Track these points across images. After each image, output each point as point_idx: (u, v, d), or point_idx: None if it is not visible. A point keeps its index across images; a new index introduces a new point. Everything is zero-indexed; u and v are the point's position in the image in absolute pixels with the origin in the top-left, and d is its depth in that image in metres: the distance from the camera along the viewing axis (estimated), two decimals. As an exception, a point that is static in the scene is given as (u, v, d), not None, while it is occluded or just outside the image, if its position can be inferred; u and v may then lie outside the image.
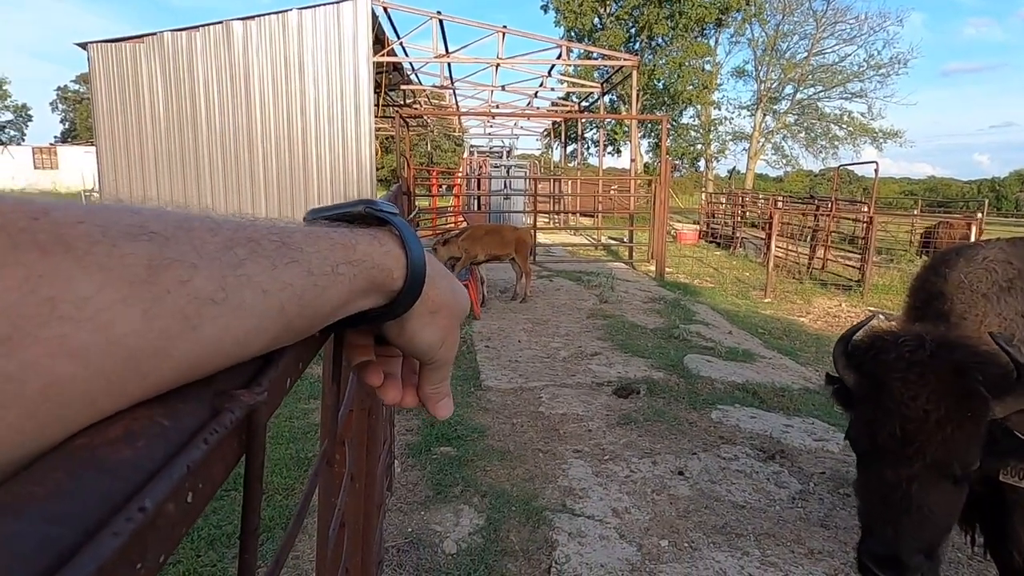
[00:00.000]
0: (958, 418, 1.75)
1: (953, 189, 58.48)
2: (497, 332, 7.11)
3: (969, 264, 2.36)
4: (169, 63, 12.28)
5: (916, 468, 1.78)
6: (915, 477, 1.78)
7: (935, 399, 1.78)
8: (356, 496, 0.99)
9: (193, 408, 0.29)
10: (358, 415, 1.05)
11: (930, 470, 1.77)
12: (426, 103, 22.54)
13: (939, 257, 2.54)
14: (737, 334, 7.75)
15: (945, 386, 1.79)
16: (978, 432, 1.75)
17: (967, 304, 2.25)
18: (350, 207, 0.49)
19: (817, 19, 33.09)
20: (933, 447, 1.76)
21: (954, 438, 1.74)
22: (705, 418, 4.79)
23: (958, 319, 2.23)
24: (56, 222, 0.25)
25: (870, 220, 11.56)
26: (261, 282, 0.33)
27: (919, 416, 1.79)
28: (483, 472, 3.81)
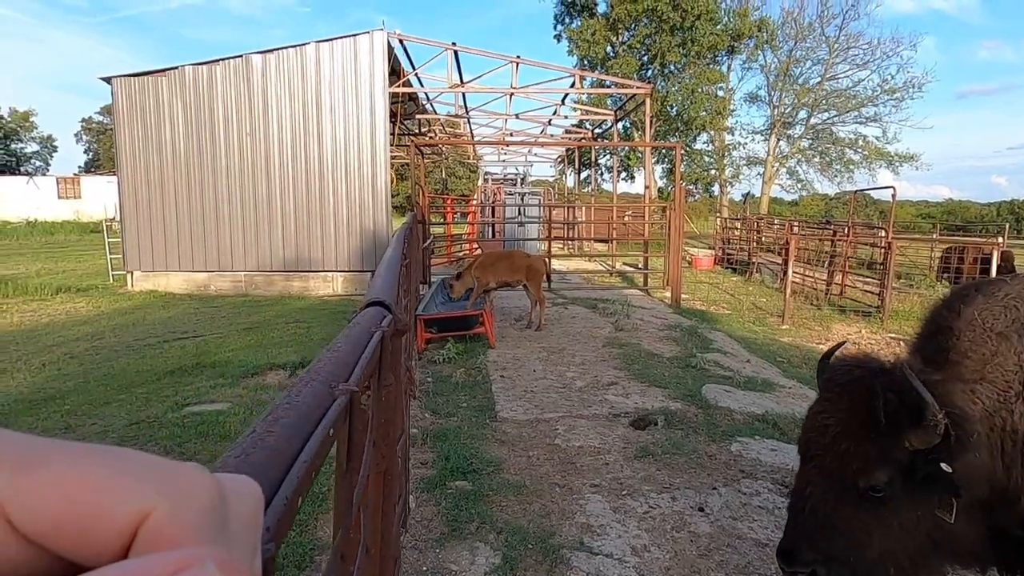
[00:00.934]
0: (857, 437, 1.91)
1: (972, 211, 57.80)
2: (512, 361, 7.07)
3: (988, 300, 2.31)
4: (190, 96, 12.54)
5: (813, 474, 1.99)
6: (811, 483, 1.98)
7: (837, 416, 1.98)
8: (373, 563, 0.97)
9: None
10: (374, 481, 1.03)
11: (826, 479, 1.95)
12: (441, 132, 22.80)
13: (957, 291, 2.51)
14: (755, 363, 7.64)
15: (851, 407, 1.96)
16: (880, 454, 1.90)
17: (974, 342, 2.21)
18: None
19: (830, 45, 33.20)
20: (828, 458, 1.95)
21: (850, 453, 1.91)
22: (725, 451, 4.69)
23: (959, 356, 2.20)
24: None
25: (888, 245, 11.43)
26: None
27: (819, 428, 2.00)
28: (499, 508, 3.75)
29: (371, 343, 0.99)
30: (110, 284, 13.40)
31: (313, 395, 0.62)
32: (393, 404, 1.44)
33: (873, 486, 1.92)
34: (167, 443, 4.65)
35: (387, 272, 1.99)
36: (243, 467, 0.41)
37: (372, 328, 1.10)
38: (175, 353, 7.65)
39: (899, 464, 1.92)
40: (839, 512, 1.96)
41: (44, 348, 7.98)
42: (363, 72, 12.47)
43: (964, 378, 2.16)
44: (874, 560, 2.00)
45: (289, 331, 8.96)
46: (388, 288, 1.70)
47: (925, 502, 1.95)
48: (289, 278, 12.91)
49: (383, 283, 1.77)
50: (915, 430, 1.87)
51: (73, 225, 32.17)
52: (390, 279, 1.89)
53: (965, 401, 2.09)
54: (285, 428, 0.51)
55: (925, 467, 1.89)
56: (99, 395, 5.92)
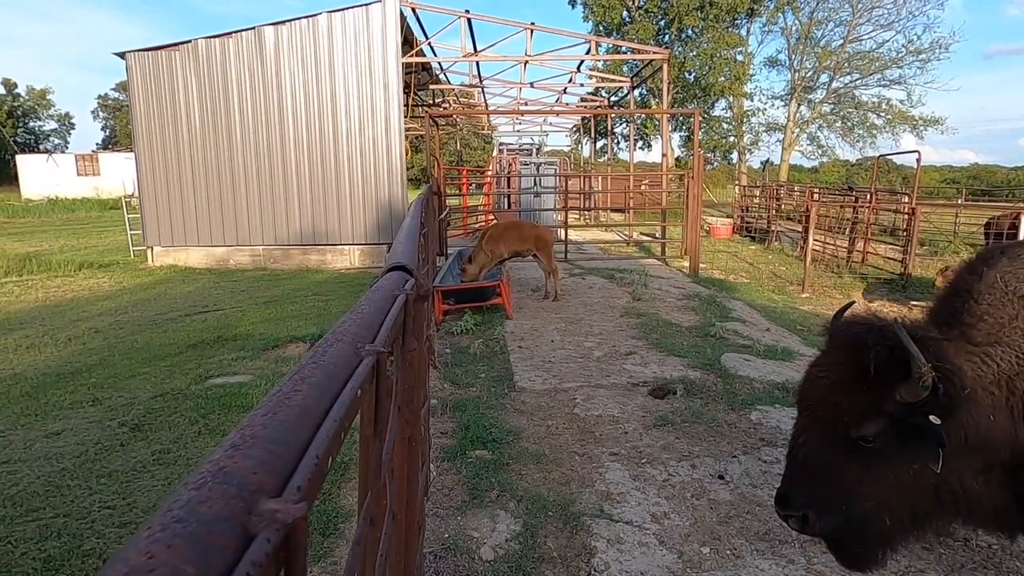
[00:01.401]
0: (849, 389, 2.00)
1: (998, 176, 56.41)
2: (530, 332, 7.07)
3: (1012, 263, 2.29)
4: (204, 70, 12.50)
5: (807, 424, 2.09)
6: (806, 432, 2.08)
7: (831, 369, 2.07)
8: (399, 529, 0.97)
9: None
10: (399, 448, 1.03)
11: (820, 428, 2.04)
12: (455, 102, 22.57)
13: (982, 253, 2.52)
14: (775, 331, 7.58)
15: (845, 361, 2.04)
16: (871, 406, 1.97)
17: (992, 305, 2.22)
18: None
19: (853, 5, 32.17)
20: (821, 409, 2.04)
21: (842, 404, 1.99)
22: (744, 419, 4.68)
23: (974, 319, 2.21)
24: None
25: (912, 211, 11.21)
26: None
27: (814, 380, 2.11)
28: (519, 476, 3.78)
29: (395, 306, 0.98)
30: (131, 260, 13.57)
31: (340, 355, 0.61)
32: (417, 370, 1.44)
33: (864, 436, 2.00)
34: (191, 415, 4.73)
35: (407, 239, 1.97)
36: (272, 424, 0.40)
37: (395, 291, 1.09)
38: (197, 327, 7.75)
39: (890, 417, 1.98)
40: (831, 461, 2.05)
41: (69, 323, 8.11)
42: (375, 42, 12.33)
43: (975, 340, 2.18)
44: (868, 510, 2.06)
45: (308, 304, 9.03)
46: (409, 254, 1.68)
47: (916, 454, 2.01)
48: (306, 252, 12.98)
49: (404, 249, 1.76)
50: (904, 384, 1.92)
51: (93, 202, 32.52)
52: (410, 246, 1.87)
53: (966, 361, 2.12)
54: (313, 387, 0.50)
55: (915, 420, 1.95)
56: (124, 368, 6.02)
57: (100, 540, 3.16)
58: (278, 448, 0.37)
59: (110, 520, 3.34)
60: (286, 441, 0.38)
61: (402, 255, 1.58)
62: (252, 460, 0.35)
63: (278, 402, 0.44)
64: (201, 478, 0.32)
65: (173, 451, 4.17)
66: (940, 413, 1.96)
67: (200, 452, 4.15)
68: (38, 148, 53.08)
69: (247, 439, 0.37)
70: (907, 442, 2.01)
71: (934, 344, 2.07)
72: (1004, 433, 2.11)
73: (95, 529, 3.26)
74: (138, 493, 3.62)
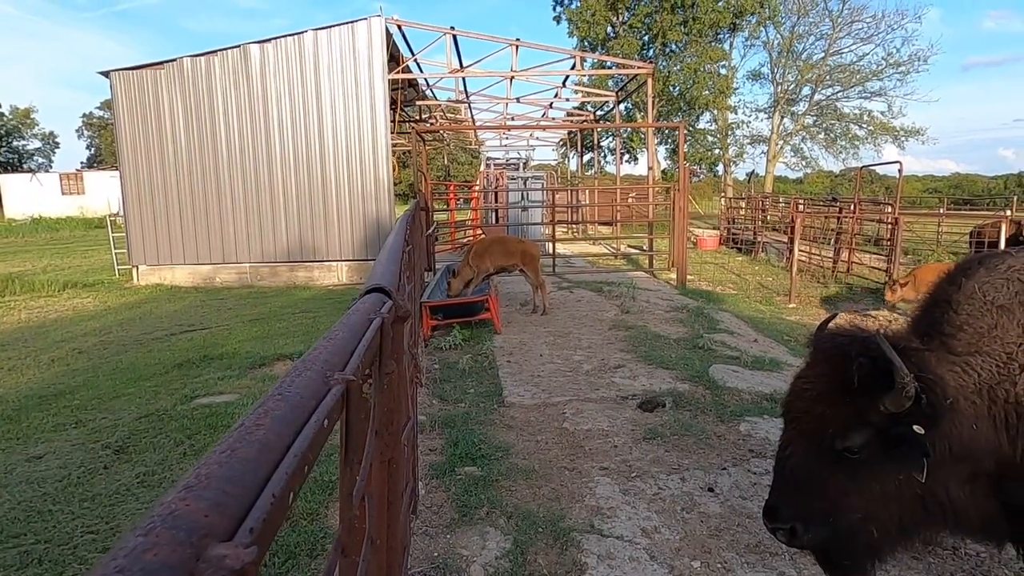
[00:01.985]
0: (833, 400, 2.01)
1: (978, 185, 57.28)
2: (519, 346, 7.06)
3: (990, 273, 2.32)
4: (189, 88, 12.49)
5: (793, 436, 2.09)
6: (791, 443, 2.08)
7: (815, 381, 2.08)
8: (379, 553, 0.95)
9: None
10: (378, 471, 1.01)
11: (806, 440, 2.04)
12: (442, 118, 22.66)
13: (961, 264, 2.56)
14: (763, 342, 7.61)
15: (829, 372, 2.05)
16: (855, 417, 1.98)
17: (971, 315, 2.24)
18: None
19: (833, 19, 32.75)
20: (806, 420, 2.04)
21: (826, 416, 2.00)
22: (733, 431, 4.68)
23: (954, 329, 2.24)
24: None
25: (895, 221, 11.33)
26: None
27: (799, 392, 2.11)
28: (508, 492, 3.76)
29: (370, 330, 0.96)
30: (116, 279, 13.45)
31: (306, 385, 0.60)
32: (396, 392, 1.41)
33: (849, 447, 2.01)
34: (177, 436, 4.67)
35: (388, 258, 1.94)
36: (229, 463, 0.39)
37: (371, 314, 1.08)
38: (182, 346, 7.67)
39: (874, 427, 1.99)
40: (817, 472, 2.06)
41: (52, 344, 8.01)
42: (362, 59, 12.37)
43: (955, 350, 2.20)
44: (855, 522, 2.07)
45: (295, 321, 8.97)
46: (388, 274, 1.67)
47: (901, 464, 2.02)
48: (293, 268, 12.92)
49: (383, 269, 1.73)
50: (887, 394, 1.93)
51: (77, 221, 32.24)
52: (391, 265, 1.85)
53: (947, 371, 2.14)
54: (275, 420, 0.49)
55: (899, 430, 1.96)
56: (108, 389, 5.95)
57: (82, 566, 3.10)
58: (233, 488, 0.36)
59: (93, 546, 3.27)
60: (243, 480, 0.37)
61: (381, 276, 1.56)
62: (205, 502, 0.34)
63: (238, 438, 0.43)
64: (150, 523, 0.31)
65: (158, 473, 4.11)
66: (924, 423, 1.98)
67: (185, 473, 4.09)
68: (21, 167, 52.64)
69: (202, 479, 0.36)
70: (892, 452, 2.02)
71: (916, 354, 2.09)
72: (987, 443, 2.12)
73: (77, 555, 3.20)
74: (122, 517, 3.56)
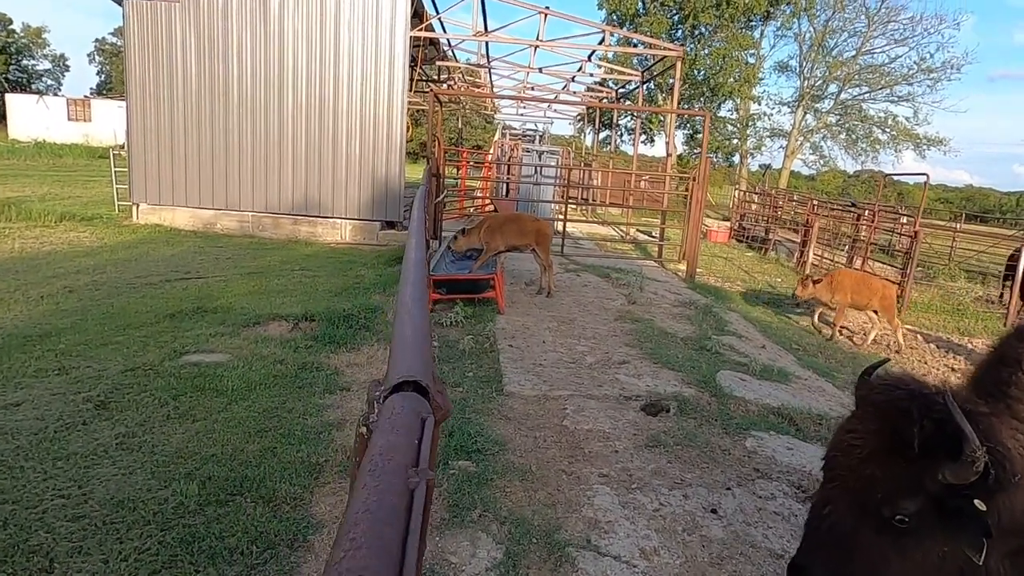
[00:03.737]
0: (886, 462, 1.79)
1: (991, 200, 56.71)
2: (521, 330, 6.85)
3: None
4: (204, 26, 12.05)
5: (835, 494, 1.89)
6: (832, 502, 1.89)
7: (867, 437, 1.86)
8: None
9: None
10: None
11: (849, 501, 1.85)
12: (461, 80, 22.13)
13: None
14: (771, 348, 7.42)
15: (884, 430, 1.83)
16: (910, 483, 1.77)
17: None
18: None
19: (869, 17, 31.90)
20: (853, 480, 1.84)
21: (877, 478, 1.80)
22: (739, 446, 4.51)
23: (1021, 391, 1.99)
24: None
25: (915, 234, 11.06)
26: None
27: (847, 448, 1.89)
28: (503, 494, 3.58)
29: (412, 521, 0.57)
30: (115, 215, 13.16)
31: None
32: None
33: (898, 515, 1.81)
34: (162, 395, 4.48)
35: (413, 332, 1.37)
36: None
37: (408, 475, 0.63)
38: (176, 294, 7.46)
39: (929, 495, 1.78)
40: (858, 537, 1.86)
41: (43, 279, 7.79)
42: (384, 11, 11.93)
43: (1021, 416, 1.98)
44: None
45: (295, 279, 8.75)
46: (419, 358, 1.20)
47: (954, 539, 1.81)
48: (297, 222, 12.65)
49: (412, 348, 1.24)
50: (951, 464, 1.71)
51: (82, 149, 31.75)
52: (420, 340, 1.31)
53: (1011, 439, 1.92)
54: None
55: (957, 502, 1.75)
56: (96, 335, 5.74)
57: (49, 535, 2.93)
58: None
59: (62, 512, 3.10)
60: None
61: (411, 362, 1.14)
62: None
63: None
64: None
65: (138, 435, 3.93)
66: (984, 497, 1.78)
67: (167, 438, 3.91)
68: (30, 88, 51.77)
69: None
70: (945, 525, 1.82)
71: (984, 420, 1.87)
72: None
73: (45, 522, 3.02)
74: (96, 482, 3.39)
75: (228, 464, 3.64)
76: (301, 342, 5.88)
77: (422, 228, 2.23)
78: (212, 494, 3.33)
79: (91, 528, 3.00)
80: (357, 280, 8.84)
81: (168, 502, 3.24)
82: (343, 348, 5.85)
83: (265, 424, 4.17)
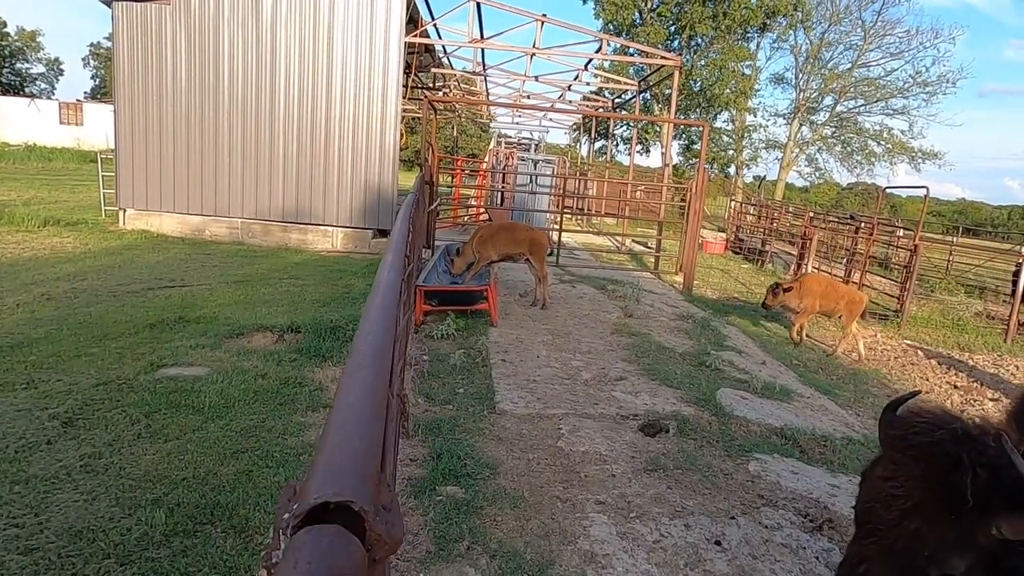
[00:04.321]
0: (932, 515, 1.57)
1: (983, 213, 57.04)
2: (515, 343, 6.63)
3: None
4: (195, 28, 11.84)
5: (871, 551, 1.67)
6: (867, 560, 1.67)
7: (909, 486, 1.63)
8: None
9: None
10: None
11: (888, 559, 1.64)
12: (456, 88, 21.98)
13: None
14: (771, 365, 7.22)
15: (928, 478, 1.60)
16: (960, 539, 1.54)
17: None
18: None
19: (865, 30, 32.01)
20: (893, 536, 1.63)
21: (921, 534, 1.58)
22: (742, 470, 4.29)
23: None
24: None
25: (915, 247, 10.92)
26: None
27: (885, 498, 1.67)
28: (493, 523, 3.35)
29: None
30: (101, 220, 12.89)
31: None
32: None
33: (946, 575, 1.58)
34: (133, 412, 4.23)
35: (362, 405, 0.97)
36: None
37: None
38: (158, 303, 7.21)
39: (982, 552, 1.55)
40: None
41: (21, 286, 7.53)
42: (379, 17, 11.75)
43: None
44: None
45: (282, 288, 8.51)
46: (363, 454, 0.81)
47: None
48: (287, 229, 12.41)
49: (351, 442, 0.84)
50: (1009, 516, 1.49)
51: (72, 153, 31.40)
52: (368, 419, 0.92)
53: None
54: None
55: (1015, 560, 1.52)
56: (70, 346, 5.49)
57: (1, 571, 2.68)
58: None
59: (14, 544, 2.85)
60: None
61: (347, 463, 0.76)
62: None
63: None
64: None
65: (105, 456, 3.68)
66: None
67: (136, 459, 3.67)
68: (23, 91, 51.46)
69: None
70: None
71: None
72: None
73: (-6, 554, 2.78)
74: (55, 509, 3.14)
75: (199, 489, 3.40)
76: (285, 355, 5.64)
77: (403, 242, 1.94)
78: (180, 523, 3.09)
79: (44, 562, 2.75)
80: (346, 289, 8.60)
81: (131, 532, 3.00)
82: (328, 361, 5.62)
83: (242, 444, 3.93)
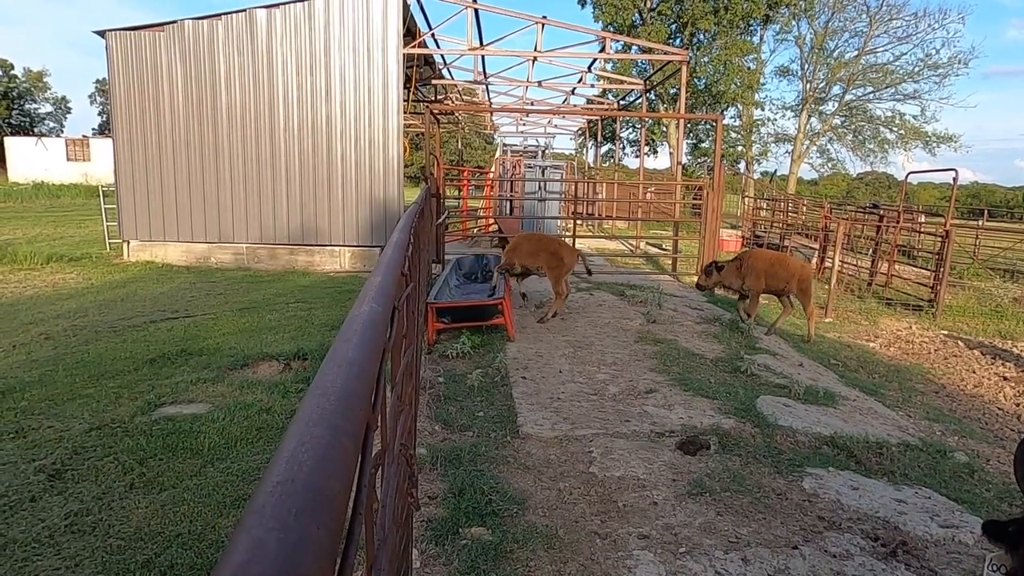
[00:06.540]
0: None
1: (997, 196, 56.03)
2: (535, 358, 6.24)
3: None
4: (190, 54, 11.66)
5: None
6: None
7: None
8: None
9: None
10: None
11: None
12: (458, 99, 21.73)
13: None
14: (809, 366, 6.78)
15: None
16: None
17: None
18: None
19: (871, 16, 31.45)
20: None
21: None
22: (795, 487, 3.87)
23: None
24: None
25: (947, 234, 10.42)
26: None
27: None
28: (526, 569, 2.96)
29: None
30: (105, 253, 12.69)
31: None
32: None
33: None
34: (127, 459, 3.89)
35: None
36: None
37: None
38: (160, 336, 6.91)
39: None
40: None
41: (20, 326, 7.26)
42: (376, 30, 11.50)
43: None
44: None
45: (289, 313, 8.19)
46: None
47: None
48: (294, 251, 12.13)
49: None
50: None
51: (80, 188, 31.49)
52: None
53: None
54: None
55: None
56: (64, 388, 5.18)
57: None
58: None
59: (-18, 627, 2.51)
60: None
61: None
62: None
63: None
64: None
65: (93, 513, 3.34)
66: None
67: (126, 515, 3.32)
68: (32, 131, 52.05)
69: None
70: None
71: None
72: None
73: (-42, 641, 2.43)
74: (32, 579, 2.79)
75: (195, 547, 3.04)
76: (291, 385, 5.30)
77: (399, 258, 1.57)
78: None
79: (14, 649, 2.40)
80: (356, 311, 8.27)
81: (117, 604, 2.64)
82: (338, 390, 5.25)
83: (243, 490, 3.57)
